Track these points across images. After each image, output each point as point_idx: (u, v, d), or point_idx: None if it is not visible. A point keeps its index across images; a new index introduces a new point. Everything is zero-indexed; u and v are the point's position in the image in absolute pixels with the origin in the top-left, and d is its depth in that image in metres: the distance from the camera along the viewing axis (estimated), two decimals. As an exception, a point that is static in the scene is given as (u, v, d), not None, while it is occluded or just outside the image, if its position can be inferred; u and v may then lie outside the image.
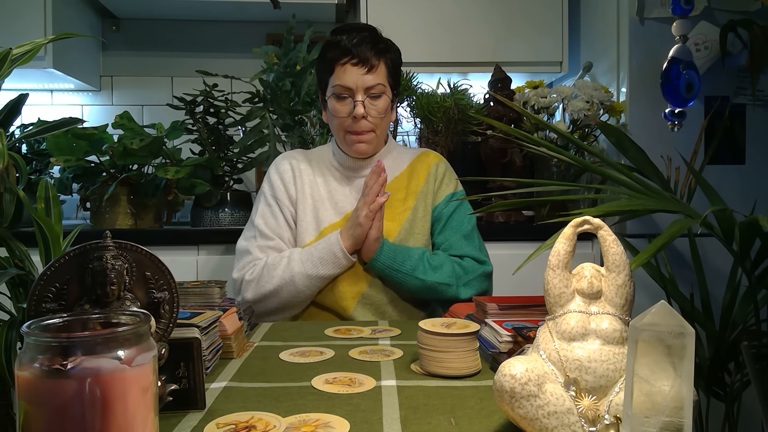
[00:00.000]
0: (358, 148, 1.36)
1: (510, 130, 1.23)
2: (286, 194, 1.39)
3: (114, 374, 0.47)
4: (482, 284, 1.34)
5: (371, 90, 1.31)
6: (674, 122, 1.53)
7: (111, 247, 0.61)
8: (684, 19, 1.48)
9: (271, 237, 1.35)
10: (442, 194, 1.42)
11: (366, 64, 1.30)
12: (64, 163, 1.77)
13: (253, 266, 1.31)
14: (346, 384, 0.77)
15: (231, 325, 0.93)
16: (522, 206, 2.00)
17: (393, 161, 1.44)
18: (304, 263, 1.27)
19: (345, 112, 1.32)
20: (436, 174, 1.43)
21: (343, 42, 1.31)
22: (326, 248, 1.27)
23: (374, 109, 1.33)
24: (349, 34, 1.32)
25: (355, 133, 1.34)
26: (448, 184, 1.43)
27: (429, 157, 1.46)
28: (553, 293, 0.62)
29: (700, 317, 1.52)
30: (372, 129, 1.34)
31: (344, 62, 1.31)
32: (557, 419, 0.55)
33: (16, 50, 0.97)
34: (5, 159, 0.85)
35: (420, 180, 1.42)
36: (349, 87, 1.31)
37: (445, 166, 1.47)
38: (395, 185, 1.41)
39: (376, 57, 1.32)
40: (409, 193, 1.40)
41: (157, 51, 2.49)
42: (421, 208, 1.39)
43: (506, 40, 2.21)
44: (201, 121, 1.93)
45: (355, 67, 1.30)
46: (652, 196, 1.22)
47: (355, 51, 1.30)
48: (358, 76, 1.30)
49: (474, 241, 1.39)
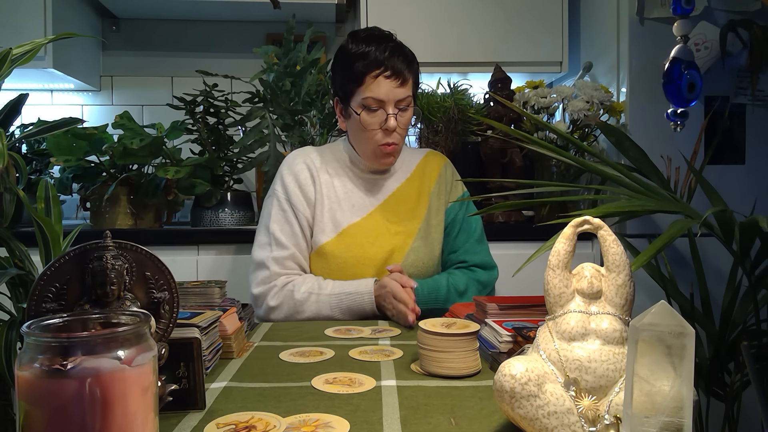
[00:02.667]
0: (388, 161, 1.38)
1: (510, 130, 1.23)
2: (303, 197, 1.36)
3: (114, 374, 0.47)
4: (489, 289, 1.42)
5: (402, 102, 1.31)
6: (677, 122, 1.53)
7: (111, 247, 0.61)
8: (684, 19, 1.48)
9: (286, 246, 1.32)
10: (454, 196, 1.45)
11: (399, 77, 1.29)
12: (64, 163, 1.77)
13: (274, 287, 1.29)
14: (346, 384, 0.77)
15: (231, 325, 0.93)
16: (522, 207, 1.99)
17: (401, 163, 1.46)
18: (333, 309, 1.26)
19: (376, 124, 1.31)
20: (446, 175, 1.46)
21: (373, 53, 1.29)
22: (356, 301, 1.26)
23: (403, 121, 1.34)
24: (378, 44, 1.30)
25: (386, 145, 1.33)
26: (457, 186, 1.47)
27: (436, 158, 1.49)
28: (553, 293, 0.62)
29: (700, 317, 1.52)
30: (400, 142, 1.36)
31: (377, 74, 1.29)
32: (557, 419, 0.55)
33: (16, 50, 0.97)
34: (5, 159, 0.85)
35: (431, 180, 1.44)
36: (381, 99, 1.29)
37: (452, 167, 1.51)
38: (407, 187, 1.43)
39: (408, 70, 1.31)
40: (422, 196, 1.43)
41: (157, 51, 2.49)
42: (434, 209, 1.42)
43: (506, 40, 2.21)
44: (201, 121, 1.93)
45: (388, 79, 1.29)
46: (652, 196, 1.22)
47: (389, 63, 1.28)
48: (391, 89, 1.29)
49: (484, 244, 1.44)
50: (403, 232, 1.36)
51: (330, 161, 1.43)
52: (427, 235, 1.38)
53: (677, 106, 1.52)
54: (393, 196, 1.41)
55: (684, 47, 1.50)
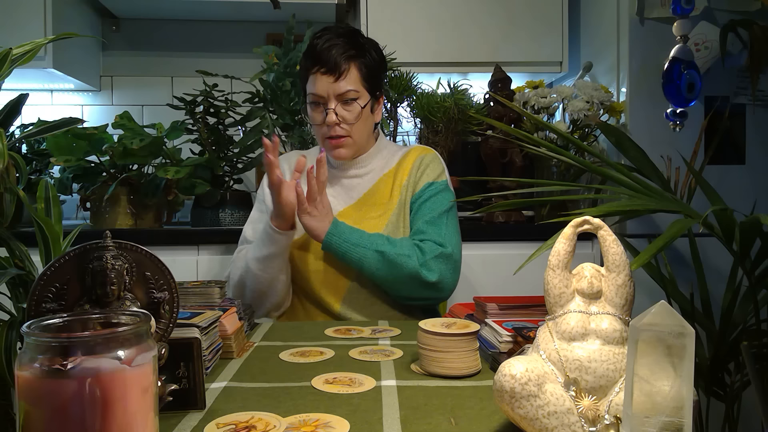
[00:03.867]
0: (338, 154, 1.38)
1: (510, 130, 1.23)
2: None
3: (114, 374, 0.47)
4: (441, 265, 1.27)
5: (342, 96, 1.32)
6: (676, 122, 1.53)
7: (111, 247, 0.61)
8: (684, 19, 1.48)
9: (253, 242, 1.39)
10: (421, 184, 1.40)
11: (335, 72, 1.31)
12: (64, 163, 1.77)
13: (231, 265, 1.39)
14: (346, 384, 0.77)
15: (231, 325, 0.93)
16: (522, 206, 2.00)
17: (382, 160, 1.45)
18: (253, 249, 1.32)
19: (319, 120, 1.35)
20: (419, 165, 1.42)
21: (315, 49, 1.32)
22: (263, 230, 1.30)
23: (348, 114, 1.33)
24: (321, 38, 1.33)
25: (331, 138, 1.35)
26: (429, 174, 1.40)
27: (416, 152, 1.45)
28: (553, 293, 0.62)
29: (700, 317, 1.52)
30: (348, 134, 1.35)
31: (314, 71, 1.32)
32: (557, 419, 0.55)
33: (16, 50, 0.97)
34: (5, 159, 0.85)
35: (404, 175, 1.41)
36: (320, 95, 1.32)
37: (432, 157, 1.44)
38: (383, 183, 1.41)
39: (345, 62, 1.31)
40: (395, 189, 1.40)
41: (157, 51, 2.49)
42: (404, 200, 1.39)
43: (506, 40, 2.21)
44: (201, 121, 1.93)
45: (324, 75, 1.31)
46: (652, 196, 1.22)
47: (324, 58, 1.30)
48: (328, 84, 1.31)
49: (439, 227, 1.32)
50: (372, 225, 1.35)
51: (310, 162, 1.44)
52: (395, 230, 1.35)
53: (676, 106, 1.52)
54: (368, 194, 1.41)
55: (683, 47, 1.50)
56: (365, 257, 1.26)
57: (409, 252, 1.26)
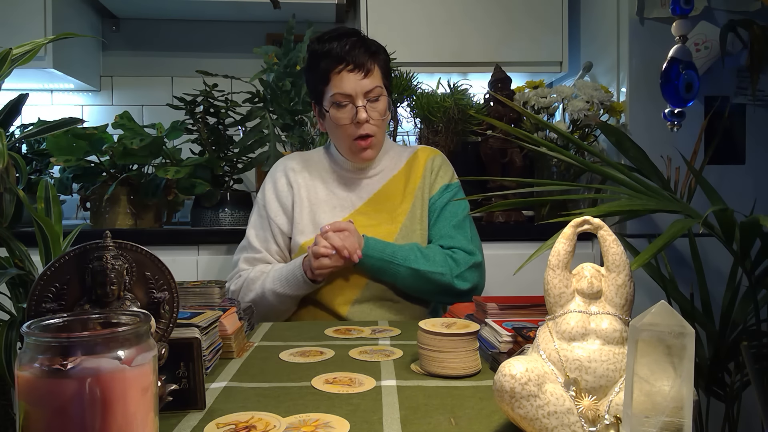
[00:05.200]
0: (366, 155, 1.37)
1: (510, 129, 1.23)
2: (279, 205, 1.41)
3: (114, 374, 0.47)
4: (474, 276, 1.34)
5: (370, 94, 1.32)
6: (674, 122, 1.53)
7: (111, 247, 0.61)
8: (684, 19, 1.48)
9: (258, 250, 1.39)
10: (437, 186, 1.43)
11: (362, 69, 1.31)
12: (64, 163, 1.77)
13: (238, 277, 1.37)
14: (346, 384, 0.77)
15: (231, 325, 0.93)
16: (522, 206, 2.00)
17: (390, 160, 1.45)
18: (274, 281, 1.30)
19: (347, 119, 1.33)
20: (432, 167, 1.44)
21: (335, 50, 1.31)
22: (291, 270, 1.30)
23: (375, 112, 1.34)
24: (338, 41, 1.32)
25: (360, 138, 1.34)
26: (443, 176, 1.44)
27: (425, 153, 1.47)
28: (553, 293, 0.62)
29: (700, 317, 1.52)
30: (375, 133, 1.35)
31: (340, 70, 1.31)
32: (557, 419, 0.55)
33: (16, 50, 0.97)
34: (5, 159, 0.85)
35: (417, 177, 1.43)
36: (348, 94, 1.31)
37: (441, 159, 1.48)
38: (393, 185, 1.42)
39: (370, 60, 1.32)
40: (407, 193, 1.41)
41: (157, 51, 2.49)
42: (419, 205, 1.40)
43: (506, 40, 2.21)
44: (201, 121, 1.93)
45: (351, 73, 1.31)
46: (652, 196, 1.22)
47: (350, 57, 1.30)
48: (356, 82, 1.31)
49: (465, 231, 1.38)
50: (384, 230, 1.36)
51: (314, 164, 1.45)
52: (411, 233, 1.37)
53: (674, 106, 1.52)
54: (378, 195, 1.41)
55: (682, 47, 1.50)
56: (399, 273, 1.29)
57: (443, 269, 1.29)
